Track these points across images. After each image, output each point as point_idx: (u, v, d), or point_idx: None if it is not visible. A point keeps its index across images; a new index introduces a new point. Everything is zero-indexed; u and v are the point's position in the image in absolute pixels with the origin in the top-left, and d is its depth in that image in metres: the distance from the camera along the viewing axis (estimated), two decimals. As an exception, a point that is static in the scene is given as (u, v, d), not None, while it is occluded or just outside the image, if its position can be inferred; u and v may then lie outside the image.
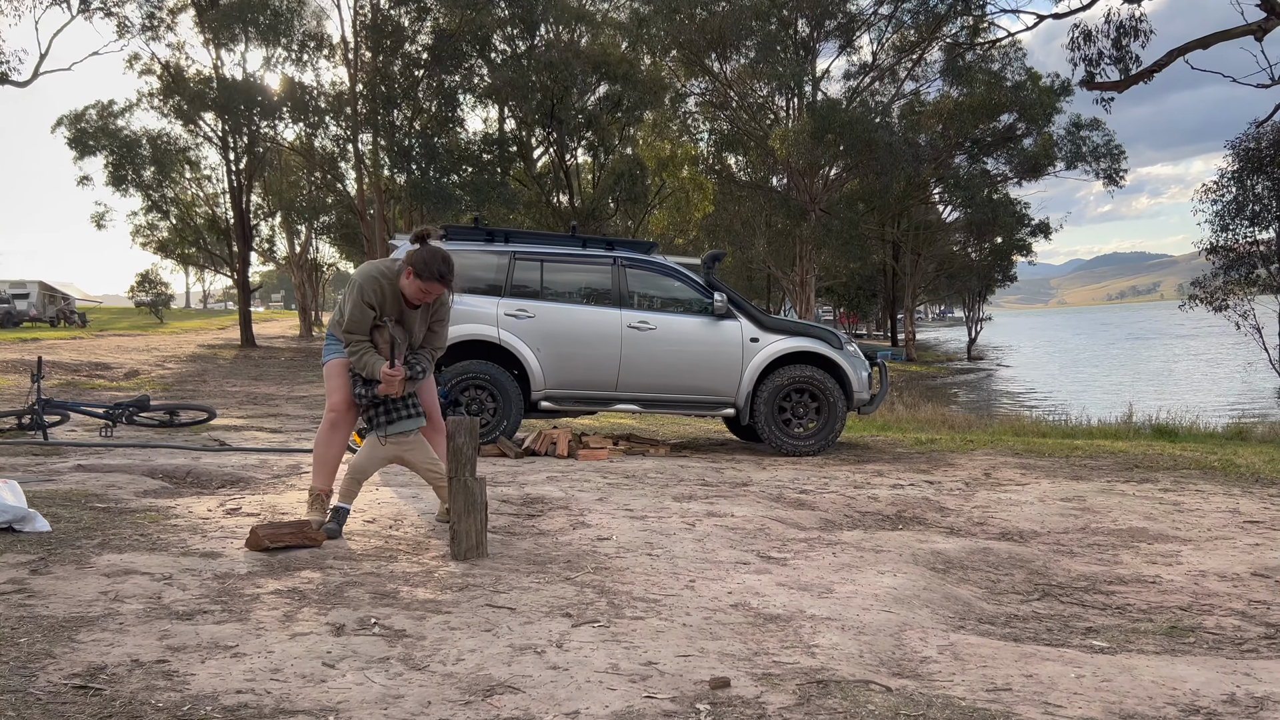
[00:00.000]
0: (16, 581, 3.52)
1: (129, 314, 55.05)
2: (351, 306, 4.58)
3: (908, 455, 9.05)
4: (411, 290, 4.59)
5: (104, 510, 5.00)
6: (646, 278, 9.11)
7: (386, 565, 4.06)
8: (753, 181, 40.13)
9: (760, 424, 8.88)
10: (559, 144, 33.34)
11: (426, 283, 4.55)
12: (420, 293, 4.59)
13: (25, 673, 2.62)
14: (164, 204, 35.70)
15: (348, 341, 4.61)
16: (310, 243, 45.28)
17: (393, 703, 2.54)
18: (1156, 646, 3.40)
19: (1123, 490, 6.78)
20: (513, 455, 8.14)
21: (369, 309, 4.57)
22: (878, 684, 2.78)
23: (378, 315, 4.60)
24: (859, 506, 6.15)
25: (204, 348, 31.09)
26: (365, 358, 4.56)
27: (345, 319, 4.60)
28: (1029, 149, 40.26)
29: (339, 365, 4.73)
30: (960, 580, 4.33)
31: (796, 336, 9.05)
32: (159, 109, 32.51)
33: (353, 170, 33.82)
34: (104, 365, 22.53)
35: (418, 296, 4.62)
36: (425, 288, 4.57)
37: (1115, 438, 10.87)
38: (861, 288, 59.34)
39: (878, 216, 43.80)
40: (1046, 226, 45.76)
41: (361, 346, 4.58)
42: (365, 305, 4.57)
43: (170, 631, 3.04)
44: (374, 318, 4.59)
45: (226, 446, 8.40)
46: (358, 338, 4.58)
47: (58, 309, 48.25)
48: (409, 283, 4.57)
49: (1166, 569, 4.58)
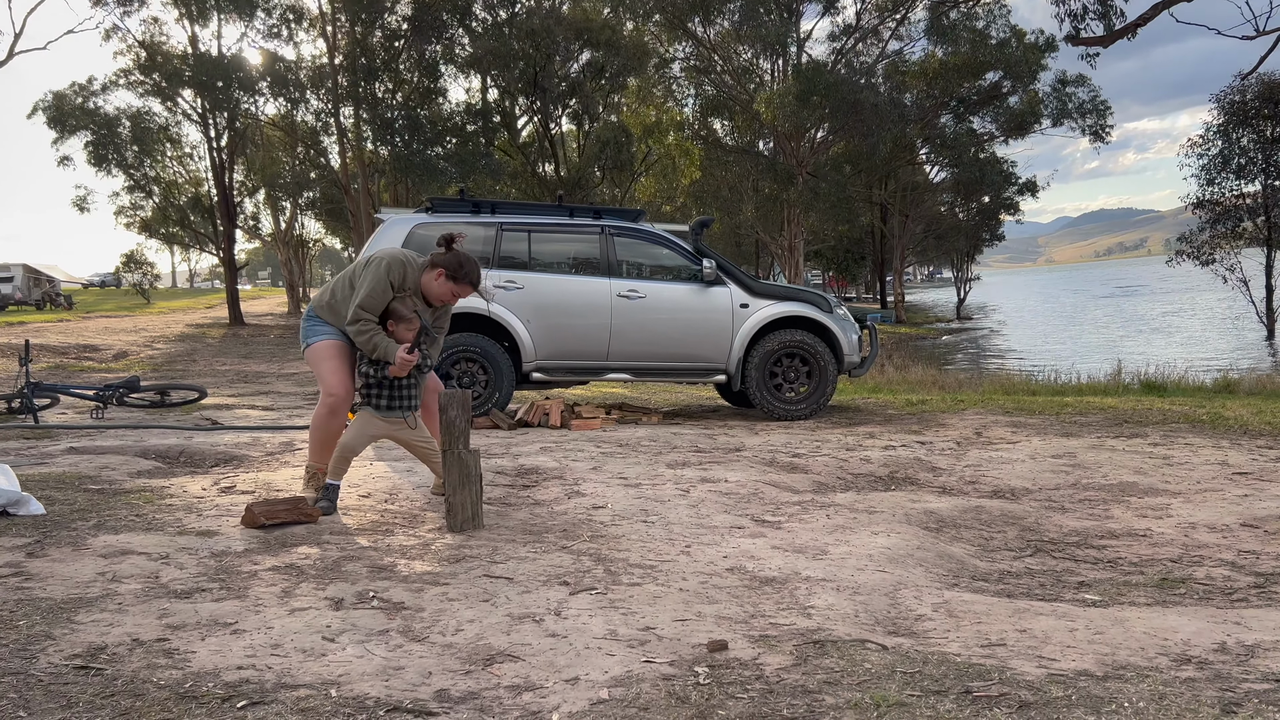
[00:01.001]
0: (13, 565, 3.52)
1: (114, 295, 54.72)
2: (376, 284, 4.48)
3: (899, 417, 9.09)
4: (441, 291, 4.57)
5: (98, 492, 5.00)
6: (635, 246, 9.09)
7: (383, 539, 4.08)
8: (739, 146, 39.94)
9: (752, 389, 8.90)
10: (543, 113, 33.10)
11: (459, 285, 4.56)
12: (451, 295, 4.60)
13: (26, 655, 2.63)
14: (146, 183, 35.34)
15: (358, 319, 4.48)
16: (296, 219, 44.96)
17: (394, 674, 2.56)
18: (1148, 598, 3.44)
19: (1113, 446, 6.83)
20: (506, 427, 8.15)
21: (391, 288, 4.51)
22: (874, 643, 2.81)
23: (392, 298, 4.55)
24: (851, 469, 6.19)
25: (192, 327, 30.94)
26: (376, 339, 4.48)
27: (363, 294, 4.48)
28: (1015, 107, 40.14)
29: (330, 348, 4.65)
30: (953, 539, 4.36)
31: (786, 301, 9.06)
32: (136, 87, 32.09)
33: (335, 144, 33.53)
34: (92, 347, 22.42)
35: (445, 298, 4.62)
36: (457, 290, 4.58)
37: (1104, 394, 10.94)
38: (850, 251, 59.32)
39: (865, 179, 43.68)
40: (1034, 185, 45.75)
41: (370, 328, 4.50)
42: (389, 284, 4.50)
43: (169, 610, 3.05)
44: (389, 300, 4.54)
45: (219, 425, 8.38)
46: (368, 317, 4.50)
47: (43, 291, 47.90)
48: (440, 284, 4.55)
49: (1157, 522, 4.63)
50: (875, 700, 2.35)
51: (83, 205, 35.26)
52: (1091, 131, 39.12)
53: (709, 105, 38.74)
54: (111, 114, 32.73)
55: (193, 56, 31.01)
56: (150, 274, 50.07)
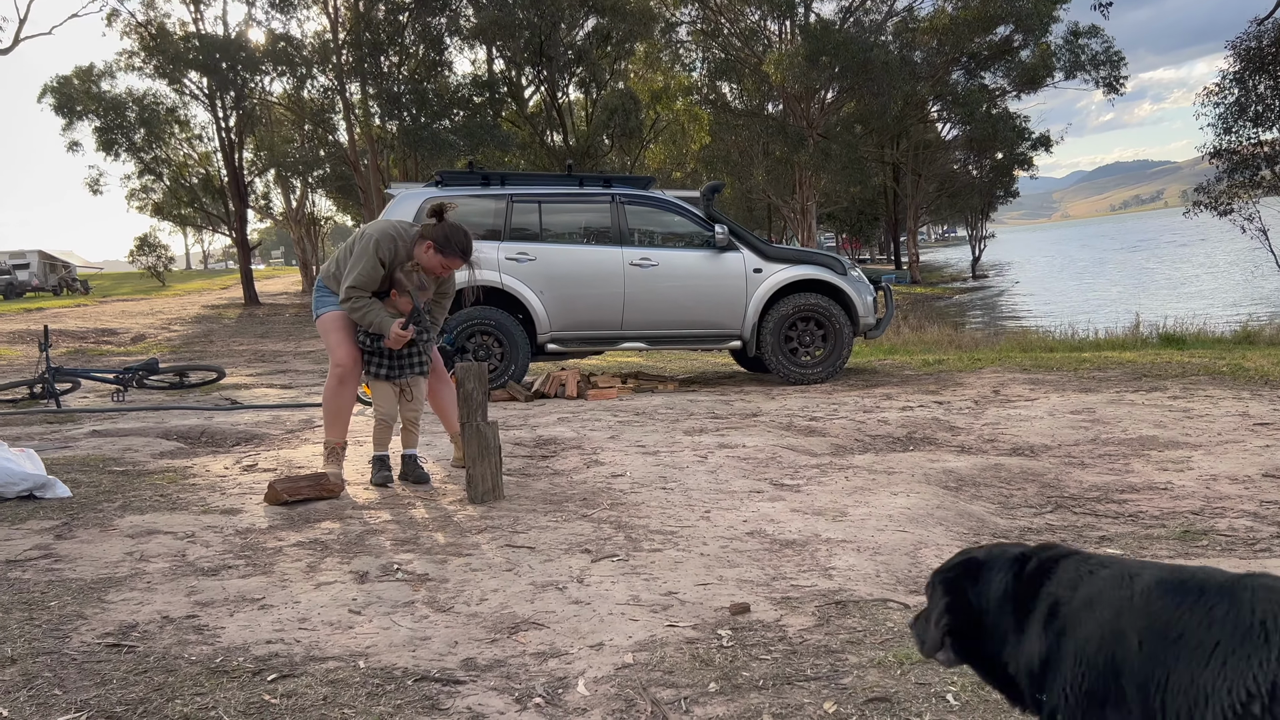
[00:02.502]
0: (43, 547, 3.57)
1: (130, 278, 54.99)
2: (365, 263, 4.50)
3: (916, 377, 9.07)
4: (431, 263, 4.55)
5: (122, 473, 5.05)
6: (646, 214, 9.05)
7: (405, 512, 4.11)
8: (749, 110, 39.56)
9: (767, 354, 8.88)
10: (550, 82, 32.87)
11: (449, 258, 4.54)
12: (441, 268, 4.57)
13: (59, 634, 2.67)
14: (156, 166, 35.36)
15: (348, 297, 4.52)
16: (306, 197, 44.95)
17: (420, 644, 2.59)
18: (1170, 551, 3.43)
19: (1132, 400, 6.80)
20: (522, 399, 8.18)
21: (380, 265, 4.52)
22: (895, 602, 2.82)
23: (385, 274, 4.56)
24: (869, 430, 6.18)
25: (208, 308, 31.09)
26: (371, 314, 4.52)
27: (354, 274, 4.51)
28: (1027, 60, 39.52)
29: (337, 318, 4.68)
30: (973, 497, 4.36)
31: (800, 265, 9.01)
32: (142, 69, 32.04)
33: (343, 121, 33.41)
34: (110, 331, 22.57)
35: (437, 271, 4.60)
36: (447, 263, 4.56)
37: (1123, 348, 10.87)
38: (863, 212, 58.86)
39: (876, 138, 43.23)
40: (1047, 139, 45.12)
41: (365, 303, 4.52)
42: (378, 262, 4.51)
43: (197, 587, 3.09)
44: (381, 276, 4.55)
45: (238, 405, 8.44)
46: (360, 293, 4.52)
47: (59, 277, 48.16)
48: (429, 256, 4.53)
49: (1178, 475, 4.61)
50: (898, 658, 2.36)
51: (95, 187, 35.34)
52: (1105, 83, 38.50)
53: (717, 69, 38.33)
54: (119, 97, 32.72)
55: (197, 37, 30.90)
56: (164, 256, 50.23)
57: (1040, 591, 1.39)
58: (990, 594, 1.45)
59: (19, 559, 3.43)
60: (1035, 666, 1.36)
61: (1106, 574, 1.33)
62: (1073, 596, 1.34)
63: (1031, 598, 1.39)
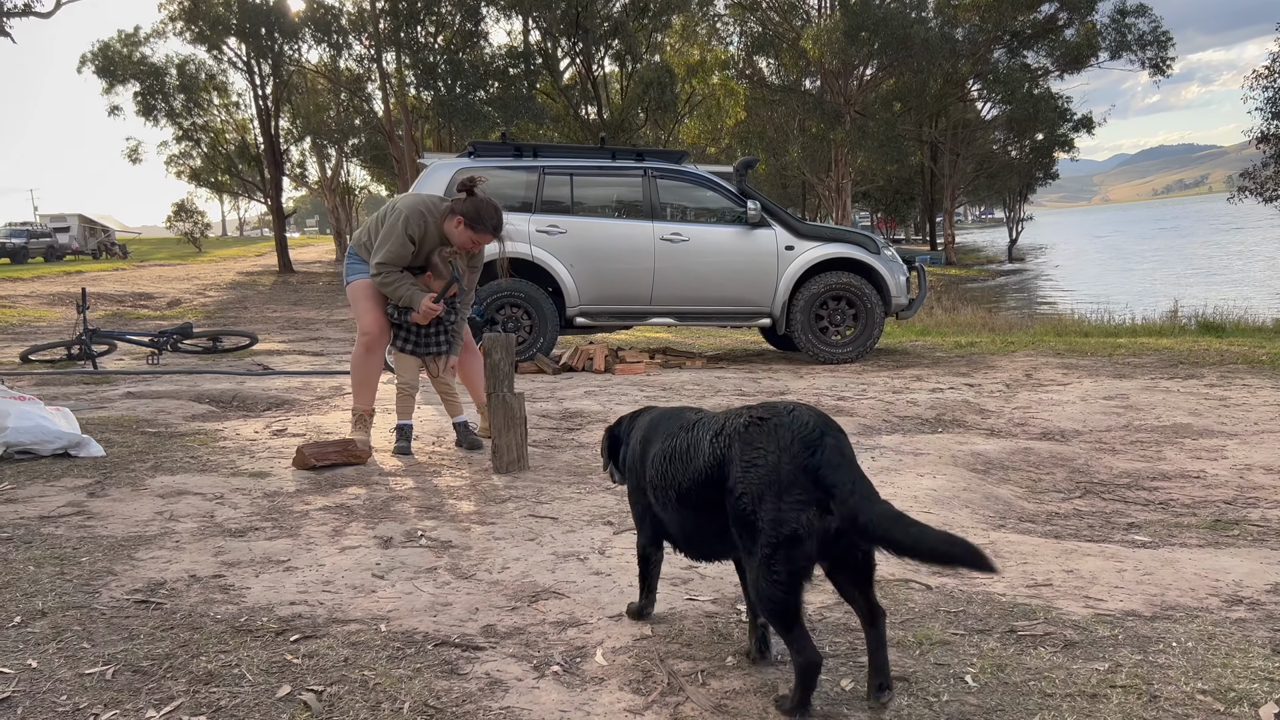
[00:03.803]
0: (76, 504, 3.63)
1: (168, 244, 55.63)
2: (394, 240, 4.51)
3: (947, 359, 8.99)
4: (461, 239, 4.55)
5: (155, 435, 5.13)
6: (678, 188, 9.00)
7: (430, 480, 4.14)
8: (785, 85, 39.21)
9: (797, 333, 8.83)
10: (585, 54, 32.68)
11: (479, 234, 4.54)
12: (470, 242, 4.58)
13: (89, 590, 2.72)
14: (194, 132, 35.66)
15: (378, 273, 4.54)
16: (341, 166, 45.16)
17: (441, 610, 2.61)
18: (1200, 540, 3.39)
19: (1167, 387, 6.70)
20: (550, 371, 8.19)
21: (410, 242, 4.53)
22: (918, 582, 2.80)
23: (415, 251, 4.57)
24: (898, 411, 6.14)
25: (243, 275, 31.41)
26: (401, 289, 4.53)
27: (384, 250, 4.52)
28: (1071, 39, 38.80)
29: (367, 286, 4.70)
30: (1001, 480, 4.32)
31: (832, 243, 8.93)
32: (182, 34, 32.24)
33: (379, 91, 33.48)
34: (147, 295, 22.88)
35: (466, 246, 4.60)
36: (476, 238, 4.56)
37: (1160, 335, 10.70)
38: (899, 191, 58.22)
39: (915, 116, 42.69)
40: (1089, 121, 44.33)
41: (395, 278, 4.54)
42: (408, 239, 4.52)
43: (224, 548, 3.13)
44: (411, 253, 4.57)
45: (270, 370, 8.53)
46: (390, 269, 4.53)
47: (99, 241, 48.82)
48: (459, 231, 4.53)
49: (1211, 463, 4.54)
50: (918, 638, 2.35)
51: (134, 156, 35.75)
52: (1151, 64, 37.74)
53: (754, 43, 37.98)
54: (159, 63, 32.98)
55: (236, 2, 31.02)
56: (201, 223, 50.74)
57: (633, 425, 2.51)
58: (620, 430, 2.57)
59: (52, 515, 3.49)
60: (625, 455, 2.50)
61: (654, 413, 2.47)
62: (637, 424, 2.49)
63: (630, 428, 2.52)
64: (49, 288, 23.05)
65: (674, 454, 2.19)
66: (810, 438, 1.94)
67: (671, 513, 2.22)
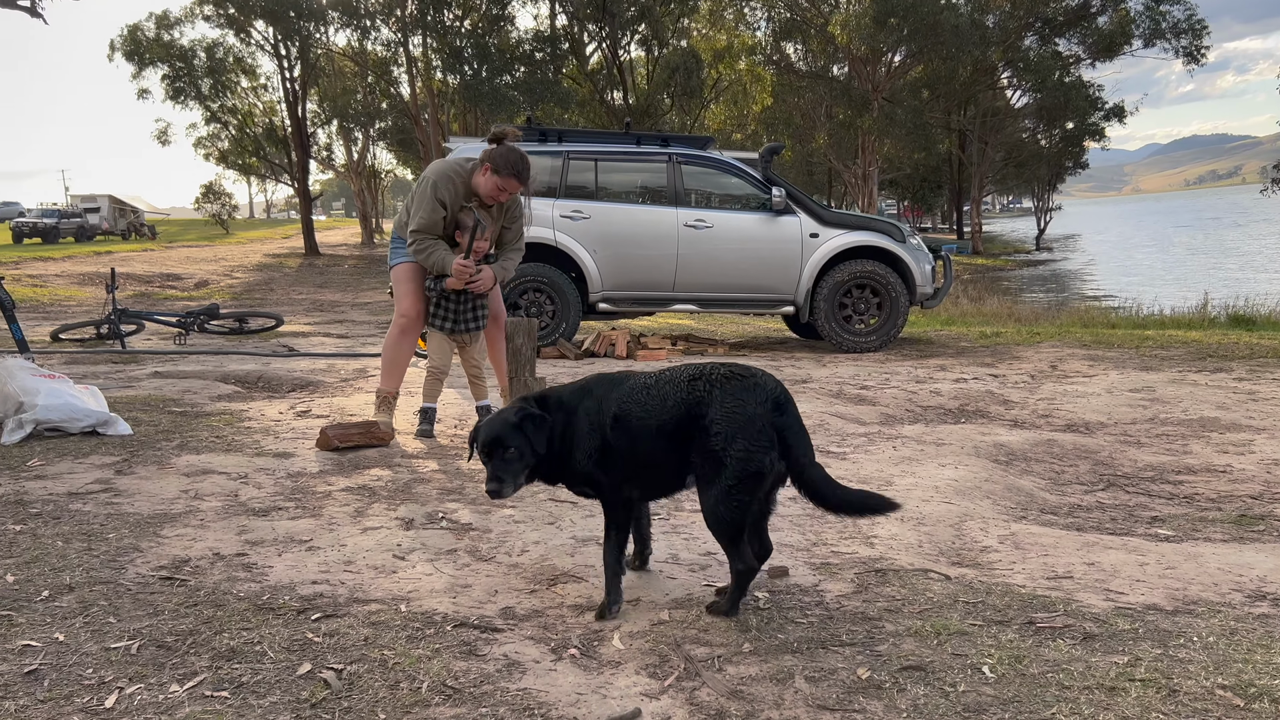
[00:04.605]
0: (103, 481, 3.69)
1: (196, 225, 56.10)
2: (425, 206, 4.52)
3: (972, 349, 8.92)
4: (487, 187, 4.51)
5: (181, 414, 5.19)
6: (703, 174, 8.97)
7: (452, 463, 4.17)
8: (813, 71, 38.89)
9: (820, 321, 8.80)
10: (611, 39, 32.60)
11: (504, 179, 4.47)
12: (496, 190, 4.51)
13: (115, 565, 2.77)
14: (222, 114, 35.91)
15: (413, 241, 4.56)
16: (368, 149, 45.35)
17: (461, 591, 2.64)
18: (1224, 535, 3.35)
19: (1194, 380, 6.62)
20: (572, 357, 8.21)
21: (440, 206, 4.53)
22: (937, 572, 2.79)
23: (446, 215, 4.58)
24: (920, 401, 6.11)
25: (269, 257, 31.63)
26: (434, 255, 4.55)
27: (417, 219, 4.53)
28: (1103, 27, 38.20)
29: (408, 270, 4.72)
30: (1023, 472, 4.30)
31: (858, 231, 8.88)
32: (211, 18, 32.42)
33: (405, 74, 33.56)
34: (174, 276, 23.11)
35: (492, 194, 4.53)
36: (502, 184, 4.49)
37: (1188, 327, 10.58)
38: (926, 179, 57.67)
39: (943, 104, 42.21)
40: (1121, 110, 43.67)
41: (428, 244, 4.55)
42: (437, 202, 4.52)
43: (248, 527, 3.17)
44: (443, 218, 4.57)
45: (295, 352, 8.60)
46: (424, 236, 4.55)
47: (128, 222, 49.29)
48: (485, 179, 4.49)
49: (1238, 458, 4.49)
50: (936, 629, 2.35)
51: (163, 138, 36.05)
52: (1185, 53, 37.10)
53: (782, 29, 37.66)
54: (187, 46, 33.19)
55: (264, -15, 31.16)
56: (229, 205, 51.12)
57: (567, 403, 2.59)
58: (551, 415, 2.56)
59: (80, 492, 3.54)
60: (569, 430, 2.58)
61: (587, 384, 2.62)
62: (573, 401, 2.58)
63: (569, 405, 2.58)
64: (79, 268, 23.32)
65: (647, 396, 2.46)
66: (779, 401, 2.40)
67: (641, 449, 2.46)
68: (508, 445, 2.44)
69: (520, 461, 2.46)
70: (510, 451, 2.45)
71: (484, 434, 2.49)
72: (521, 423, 2.47)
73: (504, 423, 2.48)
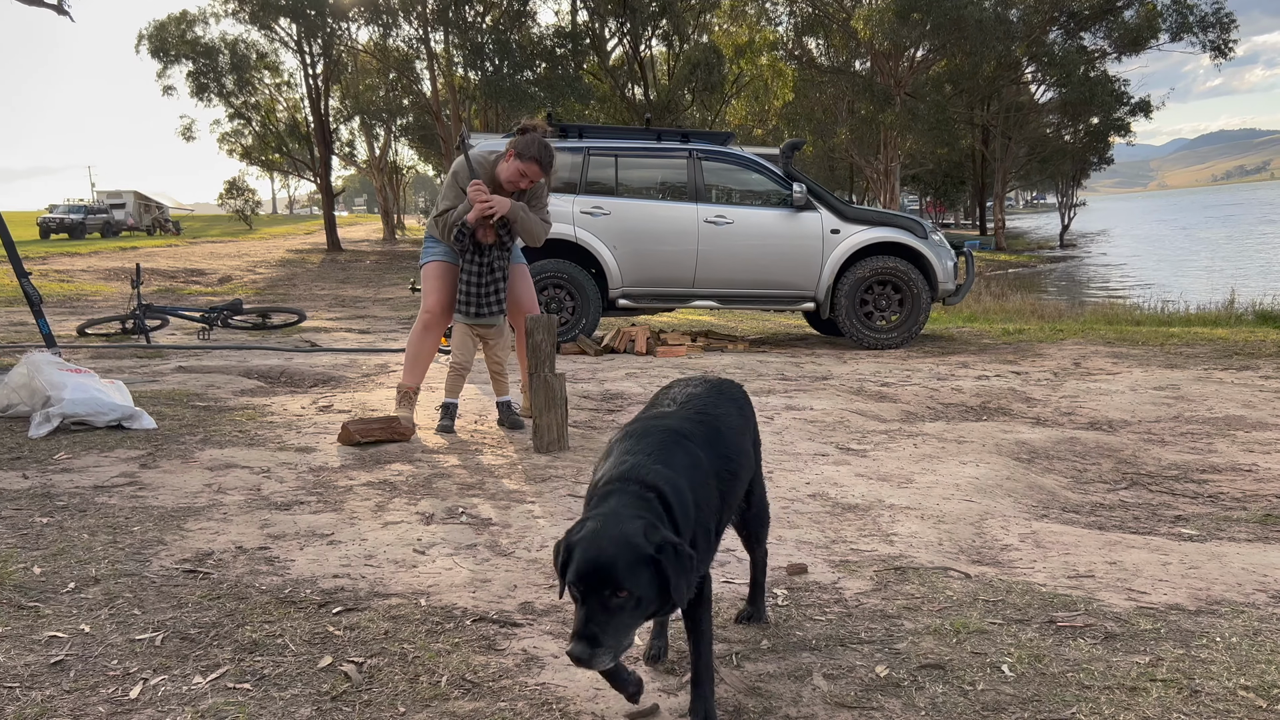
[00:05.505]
0: (128, 475, 3.73)
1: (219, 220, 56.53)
2: (444, 190, 4.75)
3: (994, 346, 8.87)
4: (509, 172, 4.60)
5: (205, 408, 5.24)
6: (723, 170, 8.95)
7: (472, 458, 4.18)
8: (834, 66, 38.71)
9: (841, 317, 8.77)
10: (632, 34, 32.56)
11: (525, 163, 4.56)
12: (517, 174, 4.60)
13: (140, 558, 2.80)
14: (246, 111, 36.17)
15: (439, 222, 4.71)
16: (389, 146, 45.55)
17: (480, 586, 2.65)
18: (1249, 534, 3.32)
19: (1220, 378, 6.55)
20: (592, 353, 8.22)
21: (461, 193, 4.67)
22: (957, 571, 2.78)
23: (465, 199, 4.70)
24: (942, 398, 6.07)
25: (292, 252, 31.84)
26: (452, 215, 4.68)
27: (440, 204, 4.73)
28: (1130, 21, 37.78)
29: (434, 268, 4.82)
30: (1045, 470, 4.27)
31: (879, 226, 8.84)
32: (235, 14, 32.66)
33: (427, 70, 33.66)
34: (198, 271, 23.30)
35: (514, 179, 4.62)
36: (523, 169, 4.58)
37: (1214, 325, 10.46)
38: (949, 175, 57.35)
39: (966, 99, 41.93)
40: (1147, 105, 43.18)
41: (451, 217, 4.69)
42: (458, 186, 4.68)
43: (270, 521, 3.20)
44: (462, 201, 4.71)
45: (317, 347, 8.66)
46: (445, 216, 4.70)
47: (153, 217, 49.77)
48: (507, 165, 4.61)
49: (1264, 457, 4.44)
50: (955, 627, 2.34)
51: (188, 134, 36.34)
52: (1213, 47, 36.63)
53: (804, 24, 37.51)
54: (211, 43, 33.45)
55: (288, -17, 31.34)
56: (252, 201, 51.50)
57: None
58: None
59: (106, 485, 3.59)
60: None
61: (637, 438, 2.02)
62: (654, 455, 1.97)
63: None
64: (105, 263, 23.57)
65: (722, 424, 2.21)
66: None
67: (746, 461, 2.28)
68: (621, 585, 1.58)
69: (638, 612, 1.62)
70: (623, 597, 1.58)
71: (582, 558, 1.60)
72: (659, 552, 1.61)
73: (624, 543, 1.60)
